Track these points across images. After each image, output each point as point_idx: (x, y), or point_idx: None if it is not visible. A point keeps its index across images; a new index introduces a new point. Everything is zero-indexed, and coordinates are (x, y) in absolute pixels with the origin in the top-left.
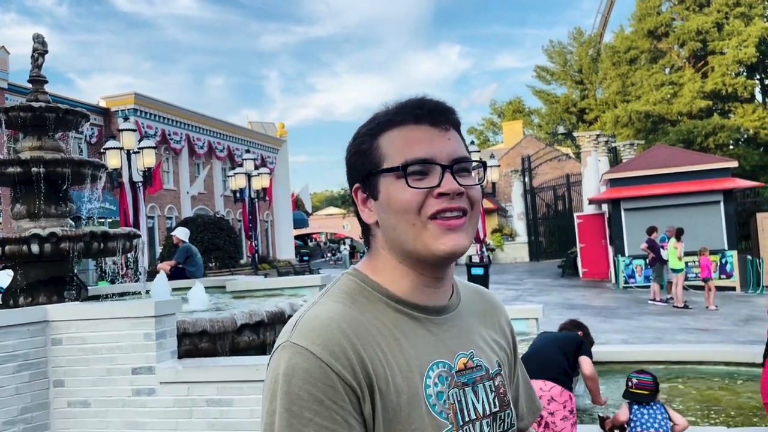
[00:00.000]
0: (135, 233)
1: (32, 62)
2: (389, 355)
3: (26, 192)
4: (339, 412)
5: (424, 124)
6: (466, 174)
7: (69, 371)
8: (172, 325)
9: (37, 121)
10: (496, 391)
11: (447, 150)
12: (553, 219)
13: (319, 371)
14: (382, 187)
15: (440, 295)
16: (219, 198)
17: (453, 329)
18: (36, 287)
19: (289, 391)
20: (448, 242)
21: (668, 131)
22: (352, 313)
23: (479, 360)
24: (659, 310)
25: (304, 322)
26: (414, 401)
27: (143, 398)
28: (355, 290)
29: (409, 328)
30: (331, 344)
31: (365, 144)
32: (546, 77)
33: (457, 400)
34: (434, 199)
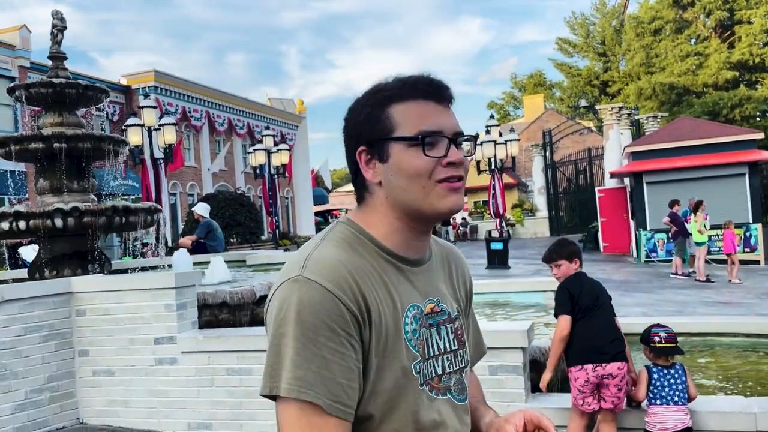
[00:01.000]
0: (156, 208)
1: (52, 39)
2: (380, 295)
3: (49, 167)
4: (347, 338)
5: (432, 100)
6: (460, 147)
7: (93, 341)
8: (192, 297)
9: (57, 97)
10: (455, 333)
11: (451, 124)
12: (574, 193)
13: (332, 304)
14: (393, 152)
15: (420, 249)
16: (240, 175)
17: (425, 278)
18: (61, 261)
19: (304, 320)
20: (450, 201)
21: (693, 103)
22: (352, 258)
23: (444, 306)
24: (681, 283)
25: (313, 260)
26: (397, 334)
27: (165, 367)
28: (352, 239)
29: (393, 275)
30: (340, 281)
31: (375, 113)
32: (568, 50)
33: (425, 338)
34: (442, 167)
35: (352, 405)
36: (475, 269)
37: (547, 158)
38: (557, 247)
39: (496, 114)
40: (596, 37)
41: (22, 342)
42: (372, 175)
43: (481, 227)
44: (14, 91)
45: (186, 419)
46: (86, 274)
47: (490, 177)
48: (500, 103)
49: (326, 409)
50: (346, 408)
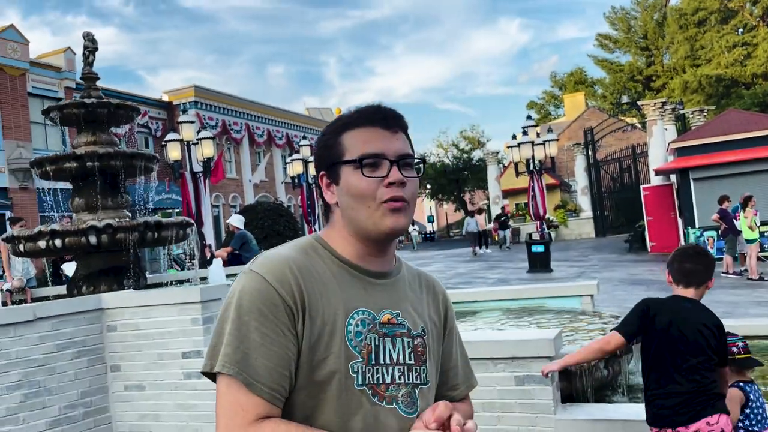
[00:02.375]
0: (187, 222)
1: (84, 60)
2: (324, 294)
3: (84, 186)
4: (278, 325)
5: (378, 127)
6: (410, 169)
7: (124, 356)
8: (218, 310)
9: (90, 117)
10: (413, 348)
11: (394, 148)
12: (619, 192)
13: (267, 292)
14: (342, 175)
15: (379, 264)
16: (280, 185)
17: (386, 291)
18: (97, 276)
19: (242, 304)
20: (390, 221)
21: (742, 95)
22: (301, 258)
23: (403, 320)
24: (732, 283)
25: (263, 257)
26: (336, 333)
27: (194, 381)
28: (310, 246)
29: (345, 280)
30: (280, 274)
31: (331, 140)
32: (609, 45)
33: (375, 344)
34: (385, 188)
35: (277, 388)
36: (517, 273)
37: (590, 157)
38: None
39: (537, 114)
40: (638, 32)
41: (55, 359)
42: (330, 197)
43: (523, 230)
44: (49, 112)
45: None
46: (121, 288)
47: (529, 178)
48: (540, 103)
49: (247, 387)
50: (269, 390)
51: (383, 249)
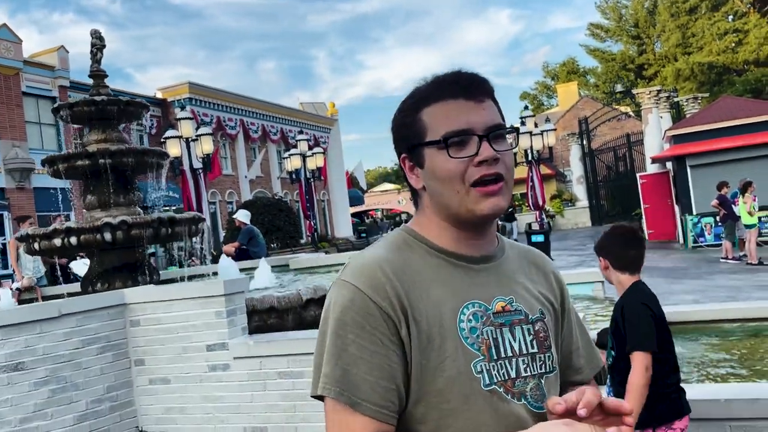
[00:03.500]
0: (199, 217)
1: (91, 57)
2: (426, 292)
3: (96, 183)
4: (377, 335)
5: (460, 98)
6: (502, 140)
7: (148, 350)
8: (241, 303)
9: (100, 115)
10: (535, 335)
11: (482, 120)
12: (615, 181)
13: (362, 301)
14: (427, 157)
15: (481, 248)
16: (276, 180)
17: (492, 276)
18: (111, 273)
19: (338, 317)
20: (487, 205)
21: (734, 81)
22: (393, 257)
23: (518, 305)
24: (732, 268)
25: (351, 264)
26: (447, 332)
27: (219, 373)
28: (401, 240)
29: (447, 272)
30: (372, 280)
31: (408, 118)
32: (600, 34)
33: (492, 337)
34: (475, 167)
35: (384, 404)
36: None
37: (585, 146)
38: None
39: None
40: (629, 20)
41: (81, 354)
42: (416, 181)
43: (520, 220)
44: (59, 110)
45: (241, 424)
46: (136, 285)
47: (527, 169)
48: (533, 94)
49: (351, 407)
50: (376, 407)
51: (483, 231)
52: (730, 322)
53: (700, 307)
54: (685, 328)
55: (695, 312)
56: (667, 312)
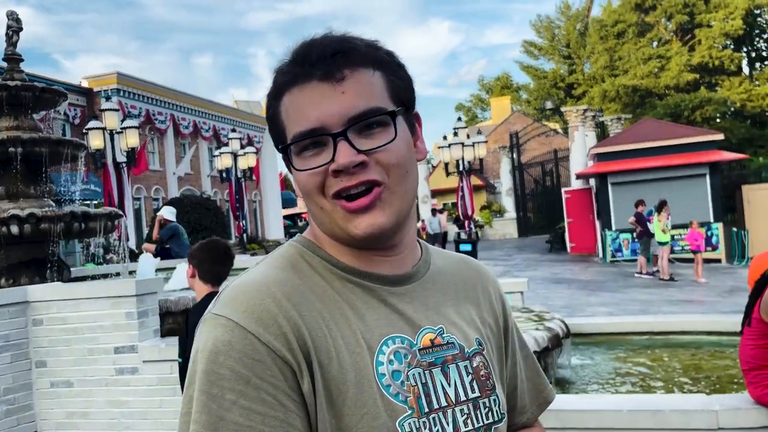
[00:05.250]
0: (116, 213)
1: (7, 40)
2: (332, 325)
3: (5, 173)
4: (270, 392)
5: (312, 81)
6: (379, 131)
7: (51, 351)
8: (154, 304)
9: (13, 101)
10: (474, 374)
11: (340, 109)
12: (542, 195)
13: (244, 343)
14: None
15: (396, 264)
16: (206, 178)
17: (416, 301)
18: (17, 269)
19: (208, 369)
20: (360, 224)
21: (656, 105)
22: (288, 277)
23: (450, 336)
24: (645, 282)
25: (228, 291)
26: (363, 380)
27: (126, 377)
28: (296, 255)
29: (357, 298)
30: (259, 311)
31: (270, 109)
32: (534, 52)
33: (421, 382)
34: (332, 178)
35: None
36: None
37: (515, 160)
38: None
39: (465, 116)
40: (561, 40)
41: None
42: (297, 189)
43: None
44: None
45: (148, 430)
46: (44, 281)
47: (458, 179)
48: (468, 106)
49: None
50: None
51: (389, 245)
52: (640, 334)
53: (613, 320)
54: (597, 339)
55: (608, 324)
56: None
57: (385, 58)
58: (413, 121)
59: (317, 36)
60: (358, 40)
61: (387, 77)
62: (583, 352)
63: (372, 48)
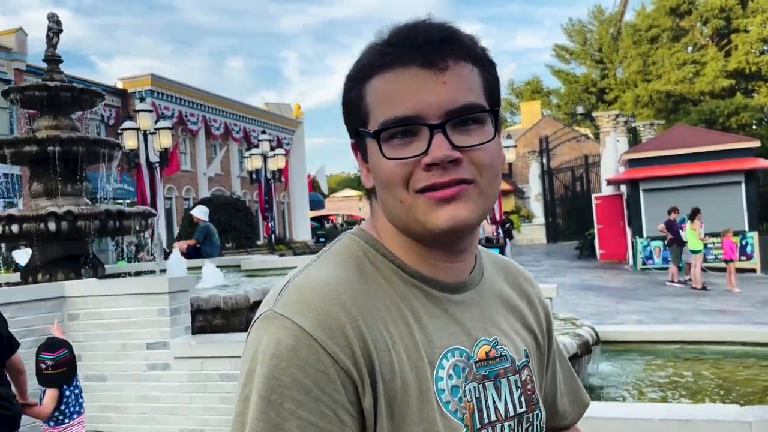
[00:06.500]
0: (150, 212)
1: (47, 42)
2: (396, 337)
3: (43, 171)
4: (330, 405)
5: (413, 65)
6: (475, 128)
7: (86, 346)
8: (185, 302)
9: (52, 101)
10: (522, 388)
11: (440, 100)
12: (571, 200)
13: (309, 351)
14: (369, 150)
15: (458, 271)
16: (235, 179)
17: (473, 310)
18: (54, 265)
19: (269, 374)
20: (442, 216)
21: (690, 111)
22: (356, 281)
23: (503, 348)
24: (677, 291)
25: (293, 288)
26: (423, 397)
27: (158, 373)
28: (360, 255)
29: (420, 306)
30: (327, 318)
31: (353, 91)
32: (565, 56)
33: (476, 397)
34: (423, 171)
35: None
36: None
37: (544, 165)
38: None
39: None
40: (593, 45)
41: None
42: (365, 178)
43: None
44: (9, 94)
45: (178, 425)
46: (79, 277)
47: None
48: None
49: None
50: None
51: (455, 249)
52: (671, 343)
53: (642, 328)
54: (627, 347)
55: (639, 332)
56: (612, 330)
57: (482, 54)
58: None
59: (419, 20)
60: (462, 31)
61: (483, 74)
62: (613, 359)
63: (473, 41)
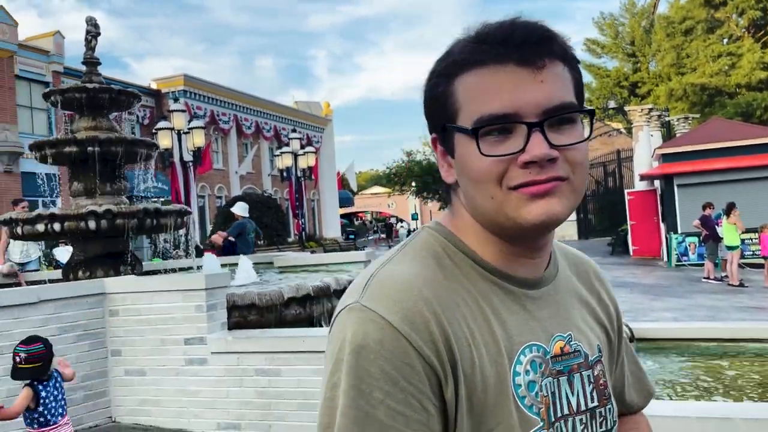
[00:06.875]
0: (186, 210)
1: (86, 44)
2: (476, 333)
3: (83, 171)
4: (415, 395)
5: (510, 63)
6: (568, 127)
7: (126, 341)
8: (222, 298)
9: (91, 102)
10: (595, 383)
11: (537, 99)
12: (603, 196)
13: (395, 345)
14: (457, 146)
15: (536, 267)
16: (266, 177)
17: (550, 306)
18: (94, 262)
19: (358, 364)
20: (534, 210)
21: (725, 104)
22: (437, 278)
23: (577, 344)
24: (713, 288)
25: (377, 282)
26: (501, 391)
27: (195, 367)
28: (439, 251)
29: (500, 302)
30: (411, 313)
31: (440, 87)
32: (596, 50)
33: (551, 392)
34: (519, 168)
35: None
36: None
37: None
38: None
39: None
40: (625, 38)
41: (58, 341)
42: (446, 172)
43: None
44: (50, 96)
45: (215, 419)
46: (118, 275)
47: None
48: None
49: None
50: None
51: (536, 245)
52: (707, 341)
53: (678, 325)
54: (662, 345)
55: (673, 329)
56: (646, 328)
57: (572, 54)
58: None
59: (513, 18)
60: (555, 31)
61: (572, 74)
62: (648, 357)
63: (565, 41)
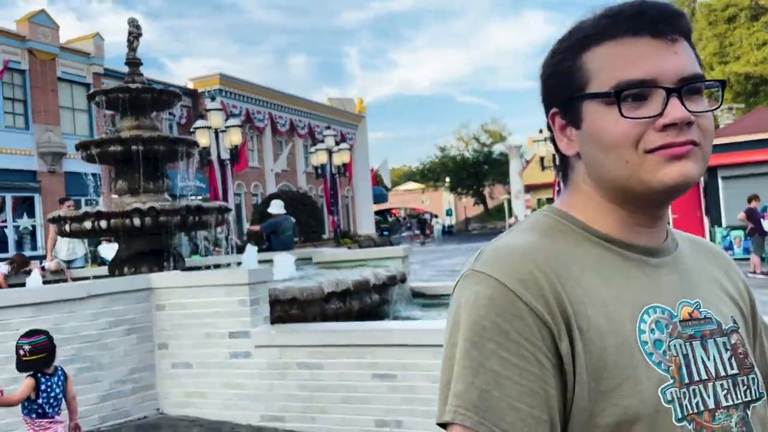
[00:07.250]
0: (226, 207)
1: (128, 45)
2: (591, 293)
3: (127, 169)
4: (528, 348)
5: (645, 34)
6: (697, 97)
7: (172, 335)
8: (264, 293)
9: (134, 102)
10: (732, 350)
11: (674, 67)
12: None
13: (506, 300)
14: (586, 114)
15: (655, 236)
16: (301, 174)
17: (672, 275)
18: (138, 258)
19: (471, 320)
20: (671, 172)
21: None
22: (545, 244)
23: (707, 311)
24: (759, 283)
25: (489, 250)
26: (624, 347)
27: (240, 360)
28: (549, 224)
29: (617, 266)
30: (521, 273)
31: (566, 61)
32: None
33: (682, 353)
34: (656, 131)
35: None
36: None
37: None
38: None
39: None
40: None
41: (107, 335)
42: (567, 146)
43: None
44: (94, 96)
45: (259, 411)
46: (162, 271)
47: (555, 173)
48: None
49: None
50: None
51: (657, 215)
52: None
53: None
54: None
55: None
56: None
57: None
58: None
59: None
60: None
61: (694, 51)
62: None
63: (689, 21)
